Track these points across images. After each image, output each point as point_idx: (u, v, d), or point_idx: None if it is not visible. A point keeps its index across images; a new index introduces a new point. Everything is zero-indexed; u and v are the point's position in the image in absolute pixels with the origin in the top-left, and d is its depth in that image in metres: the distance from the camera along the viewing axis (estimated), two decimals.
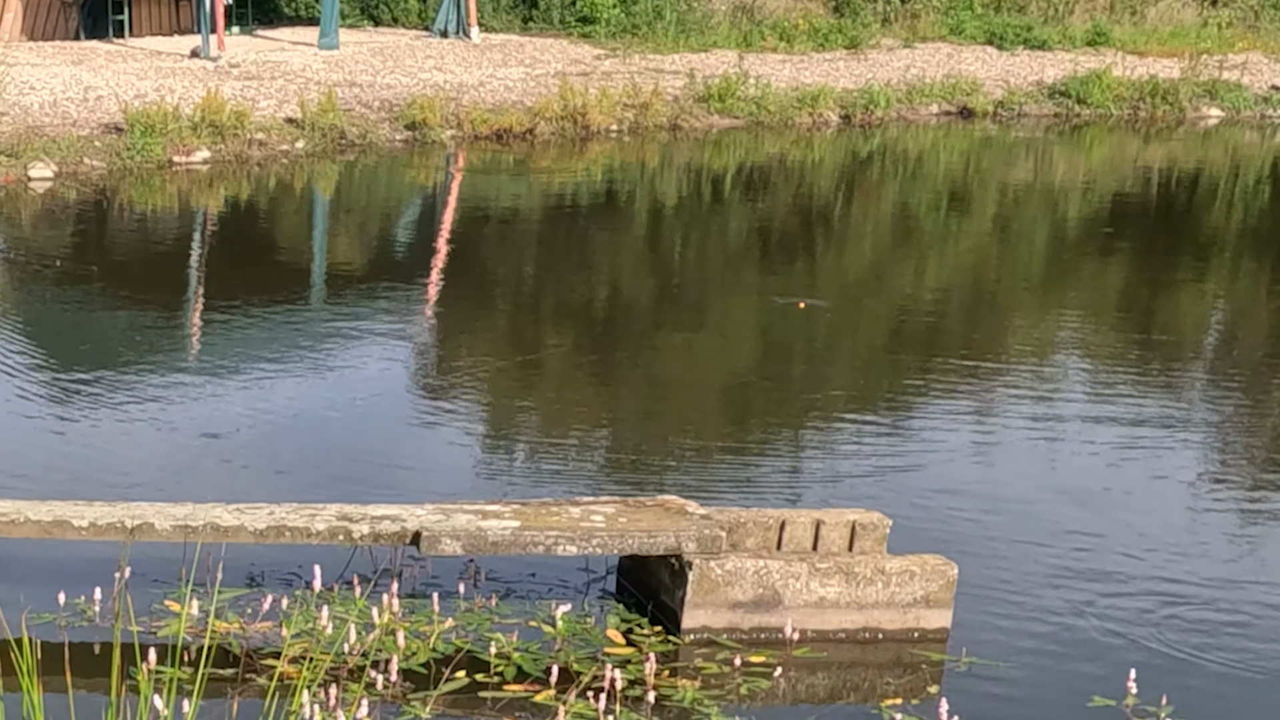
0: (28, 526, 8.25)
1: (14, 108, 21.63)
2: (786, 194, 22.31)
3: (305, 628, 8.07)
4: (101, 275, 16.55)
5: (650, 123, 25.60)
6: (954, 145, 26.58)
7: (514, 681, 7.78)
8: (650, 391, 13.27)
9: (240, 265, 17.45)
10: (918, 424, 12.17)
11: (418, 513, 8.50)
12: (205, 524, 8.24)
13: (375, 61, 27.89)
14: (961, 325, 15.61)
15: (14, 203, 19.35)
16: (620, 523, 8.46)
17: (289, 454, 11.16)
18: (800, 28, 32.16)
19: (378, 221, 20.44)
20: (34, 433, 11.46)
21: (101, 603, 8.24)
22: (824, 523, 8.67)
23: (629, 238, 19.42)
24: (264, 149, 22.35)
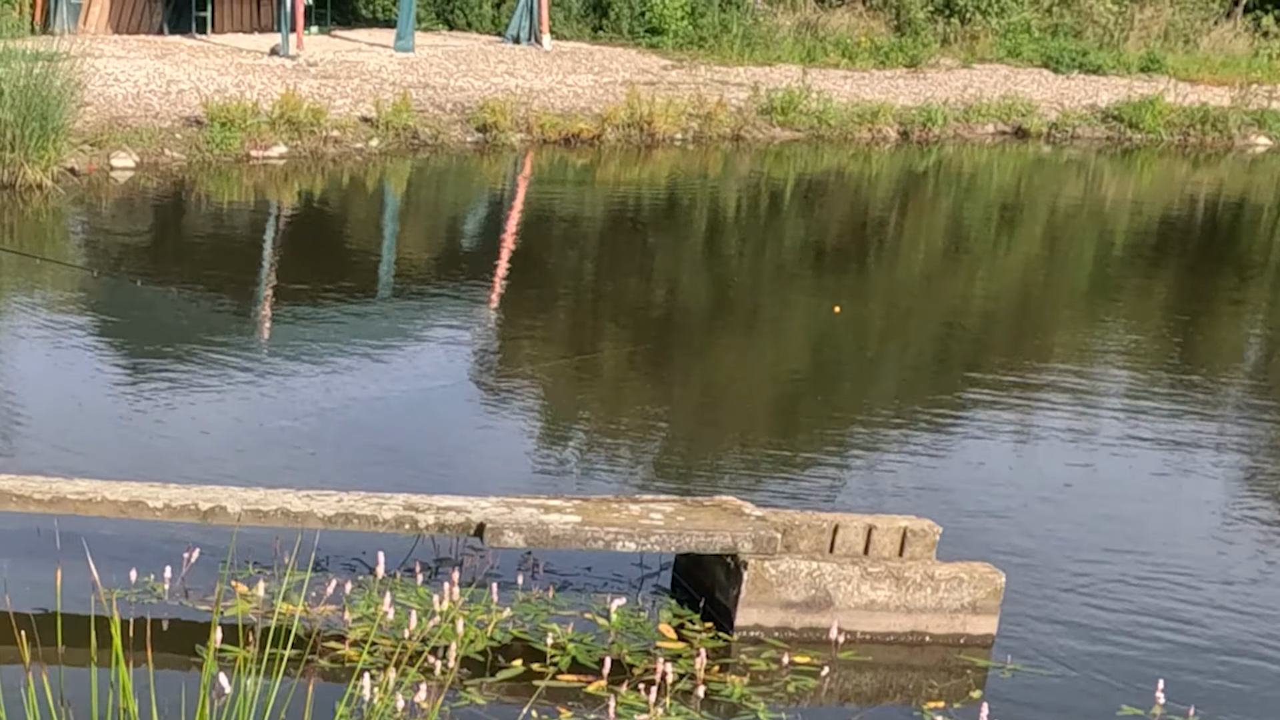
0: (105, 506, 8.25)
1: (99, 99, 21.69)
2: (843, 206, 22.23)
3: (368, 613, 8.04)
4: (177, 264, 16.58)
5: (714, 132, 25.56)
6: (1008, 164, 26.47)
7: (568, 671, 7.74)
8: (706, 394, 13.23)
9: (312, 258, 17.45)
10: (967, 433, 12.08)
11: (482, 505, 8.46)
12: (276, 509, 8.23)
13: (449, 65, 27.91)
14: (1009, 338, 15.52)
15: (96, 191, 19.40)
16: (678, 521, 8.41)
17: (356, 443, 11.14)
18: (862, 45, 32.10)
19: (446, 220, 20.44)
20: (110, 416, 11.47)
21: (171, 581, 8.22)
22: (876, 528, 8.61)
23: (689, 243, 19.37)
24: (339, 146, 22.38)
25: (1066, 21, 35.31)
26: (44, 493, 8.29)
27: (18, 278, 15.84)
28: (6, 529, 8.88)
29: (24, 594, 8.04)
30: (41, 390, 12.09)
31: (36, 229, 17.71)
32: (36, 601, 7.84)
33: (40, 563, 8.27)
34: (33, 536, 8.80)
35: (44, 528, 8.81)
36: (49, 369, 12.76)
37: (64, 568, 7.73)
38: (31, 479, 8.58)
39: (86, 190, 19.27)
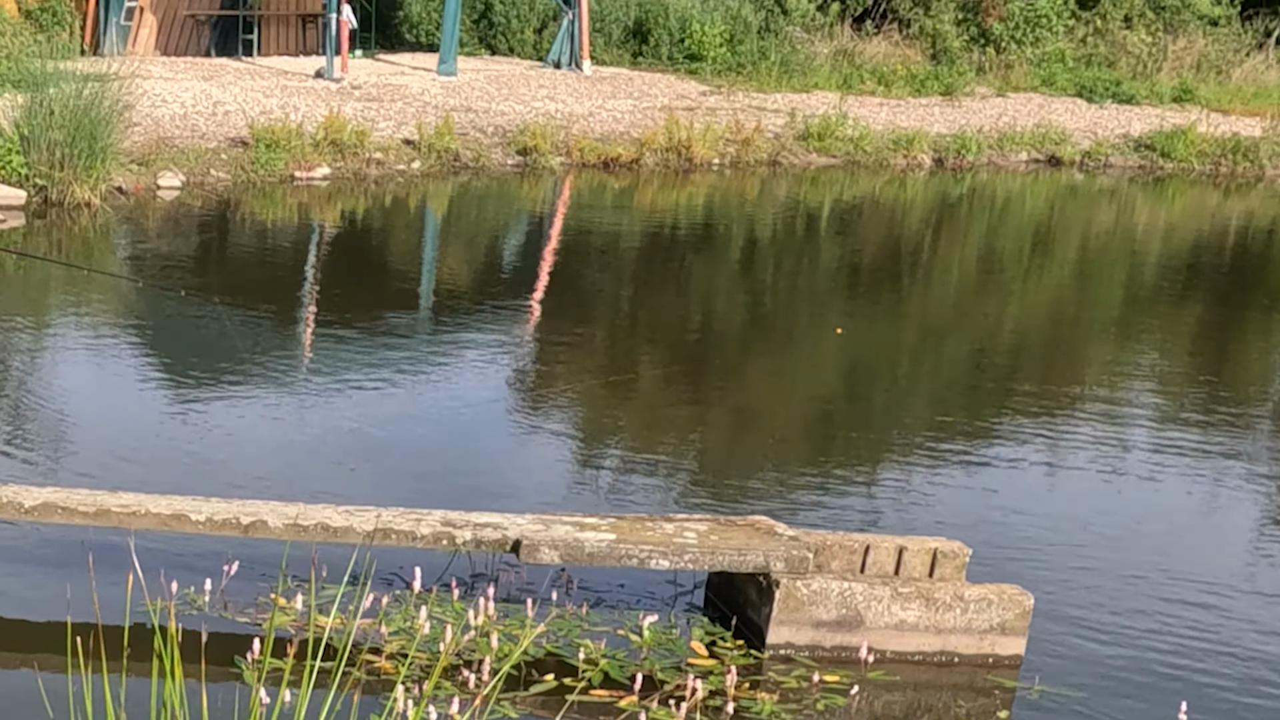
0: (148, 518, 8.28)
1: (146, 119, 21.78)
2: (878, 231, 22.21)
3: (404, 626, 8.06)
4: (221, 282, 16.63)
5: (751, 158, 25.57)
6: (1041, 191, 26.44)
7: (600, 686, 7.74)
8: (739, 415, 13.22)
9: (353, 277, 17.50)
10: (997, 456, 12.06)
11: (518, 521, 8.47)
12: (315, 524, 8.24)
13: (491, 89, 27.97)
14: (1041, 363, 15.48)
15: (143, 209, 19.48)
16: (712, 540, 8.41)
17: (395, 459, 11.16)
18: (899, 73, 32.10)
19: (486, 241, 20.47)
20: (154, 430, 11.50)
21: (211, 593, 8.24)
22: (907, 549, 8.60)
23: (724, 267, 19.37)
24: (381, 168, 22.43)
25: (1100, 52, 35.27)
26: (89, 505, 8.32)
27: (66, 294, 15.91)
28: (52, 540, 8.93)
29: (67, 604, 8.06)
30: (88, 404, 12.14)
31: (84, 246, 17.79)
32: (78, 612, 7.86)
33: (84, 573, 8.29)
34: (76, 548, 8.83)
35: (88, 539, 8.86)
36: (95, 384, 12.81)
37: (106, 579, 7.78)
38: (77, 491, 8.62)
39: (133, 209, 19.34)
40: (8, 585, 8.52)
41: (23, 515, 8.35)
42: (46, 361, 13.46)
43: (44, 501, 8.31)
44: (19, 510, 8.31)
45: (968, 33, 34.49)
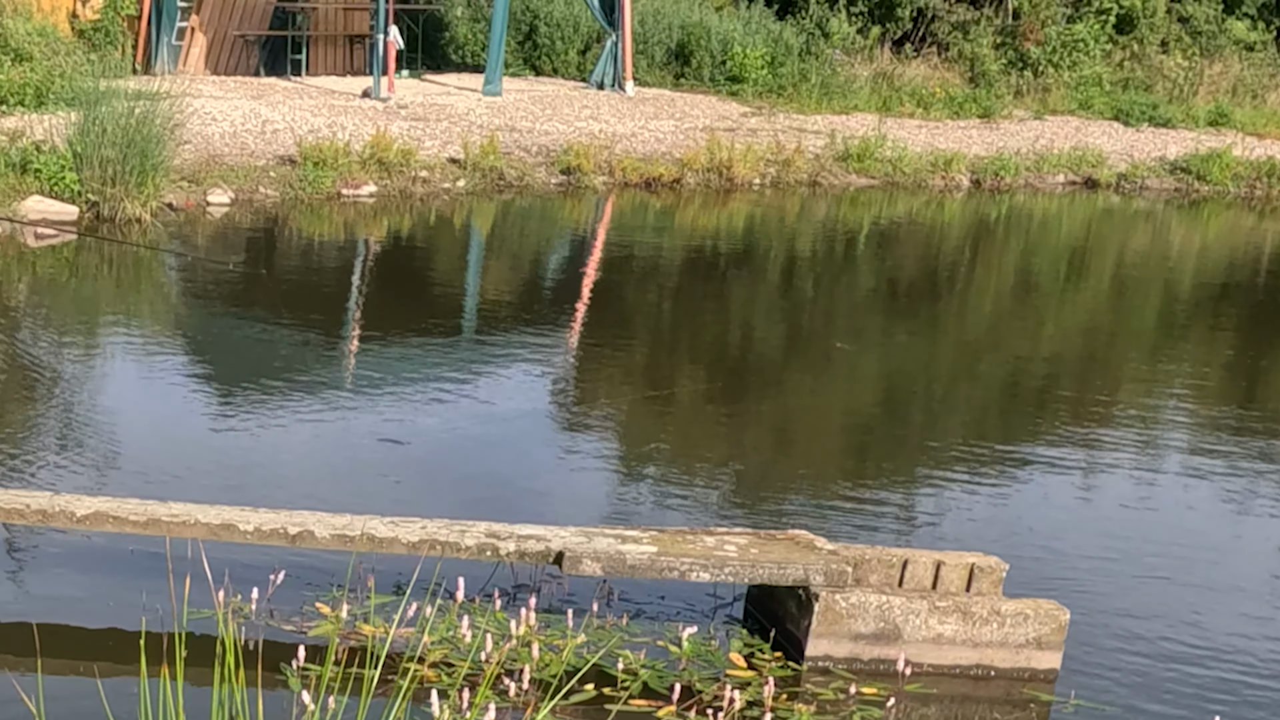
0: (197, 528, 8.29)
1: (196, 137, 21.86)
2: (915, 250, 22.17)
3: (447, 635, 8.06)
4: (268, 297, 16.68)
5: (791, 178, 25.56)
6: (1077, 213, 26.36)
7: (639, 696, 7.73)
8: (778, 430, 13.21)
9: (398, 293, 17.53)
10: (1034, 472, 12.03)
11: (561, 534, 8.47)
12: (362, 534, 8.25)
13: (535, 109, 28.00)
14: (1076, 381, 15.43)
15: (193, 225, 19.55)
16: (752, 553, 8.40)
17: (439, 472, 11.18)
18: (937, 95, 32.06)
19: (529, 258, 20.49)
20: (202, 441, 11.54)
21: (258, 602, 8.26)
22: (944, 563, 8.58)
23: (764, 285, 19.36)
24: (427, 186, 22.47)
25: (1137, 76, 35.17)
26: (139, 514, 8.34)
27: (116, 307, 15.98)
28: (102, 548, 8.97)
29: (115, 611, 8.10)
30: (138, 415, 12.19)
31: (135, 259, 17.85)
32: (127, 619, 7.90)
33: (132, 581, 8.34)
34: (126, 556, 8.88)
35: (137, 548, 8.89)
36: (146, 395, 12.87)
37: (154, 587, 7.82)
38: (127, 501, 8.64)
39: (183, 224, 19.42)
40: (60, 592, 8.56)
41: (74, 524, 8.38)
42: (98, 373, 13.52)
43: (95, 511, 8.34)
44: (71, 519, 8.33)
45: (1006, 56, 34.43)
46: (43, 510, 8.34)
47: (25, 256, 17.24)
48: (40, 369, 13.52)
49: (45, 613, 8.26)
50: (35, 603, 8.41)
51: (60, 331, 14.86)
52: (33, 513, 8.34)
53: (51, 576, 8.77)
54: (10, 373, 13.32)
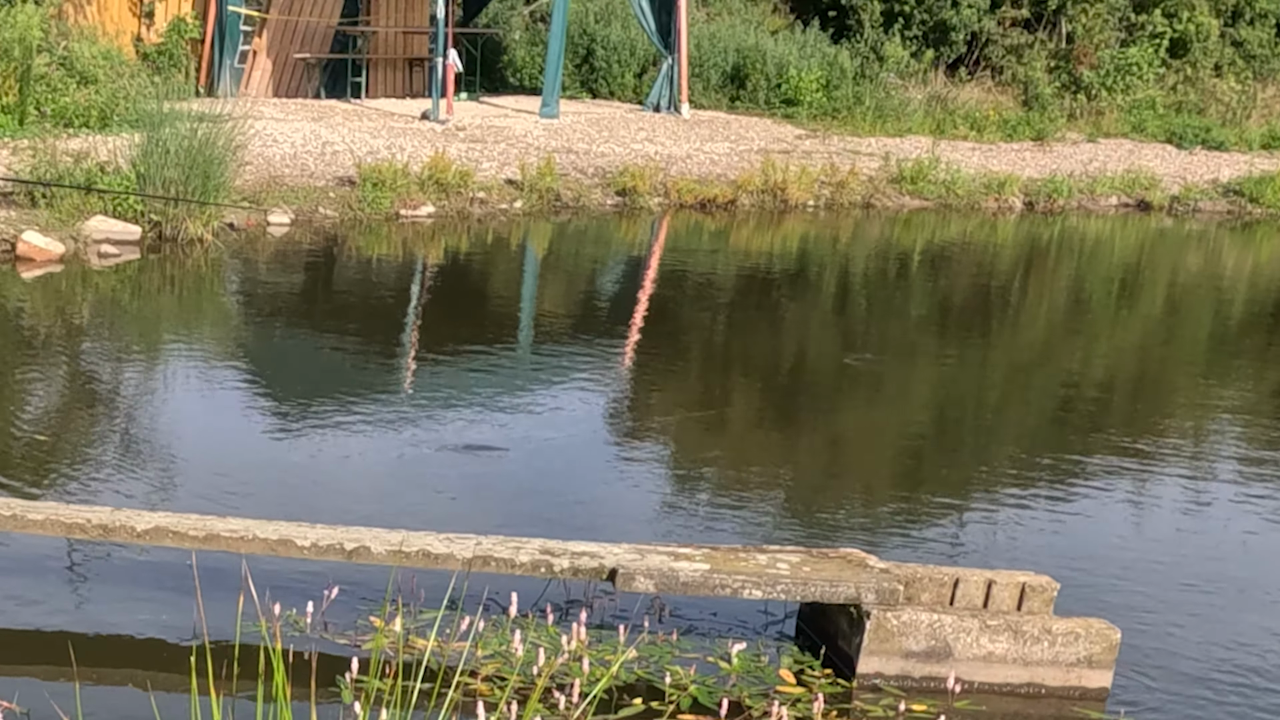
0: (255, 544, 8.31)
1: (258, 158, 21.96)
2: (968, 272, 22.11)
3: (499, 650, 8.06)
4: (327, 315, 16.75)
5: (845, 200, 25.54)
6: (1130, 235, 26.26)
7: (687, 711, 7.71)
8: (831, 449, 13.18)
9: (455, 311, 17.56)
10: (1085, 493, 11.96)
11: (614, 551, 8.46)
12: (417, 550, 8.25)
13: (591, 131, 28.04)
14: (1127, 402, 15.36)
15: (253, 245, 19.64)
16: (804, 571, 8.37)
17: (494, 488, 11.17)
18: (991, 118, 31.98)
19: (584, 278, 20.51)
20: (261, 458, 11.58)
21: (313, 615, 8.27)
22: (995, 582, 8.54)
23: (817, 305, 19.33)
24: (484, 207, 22.53)
25: (1191, 99, 35.03)
26: (199, 530, 8.37)
27: (176, 324, 16.06)
28: (162, 563, 8.99)
29: (172, 625, 8.13)
30: (197, 432, 12.24)
31: (196, 278, 17.95)
32: (183, 633, 7.93)
33: (189, 596, 8.35)
34: (185, 571, 8.89)
35: (197, 563, 8.92)
36: (204, 412, 12.91)
37: (213, 601, 7.83)
38: (187, 516, 8.66)
39: (244, 244, 19.50)
40: (119, 606, 8.58)
41: (135, 539, 8.41)
42: (159, 390, 13.58)
43: (155, 526, 8.37)
44: (131, 534, 8.36)
45: (1059, 80, 34.35)
46: (104, 525, 8.37)
47: (90, 275, 17.33)
48: (103, 385, 13.59)
49: (103, 626, 8.30)
50: (94, 616, 8.44)
51: (123, 348, 14.94)
52: (94, 527, 8.37)
53: (111, 591, 8.80)
54: (74, 389, 13.40)
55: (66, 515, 8.50)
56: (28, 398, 13.00)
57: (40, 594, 8.68)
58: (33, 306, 16.13)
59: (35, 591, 8.71)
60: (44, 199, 18.44)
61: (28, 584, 8.80)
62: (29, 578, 8.88)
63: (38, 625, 8.31)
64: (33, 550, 9.15)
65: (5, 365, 13.79)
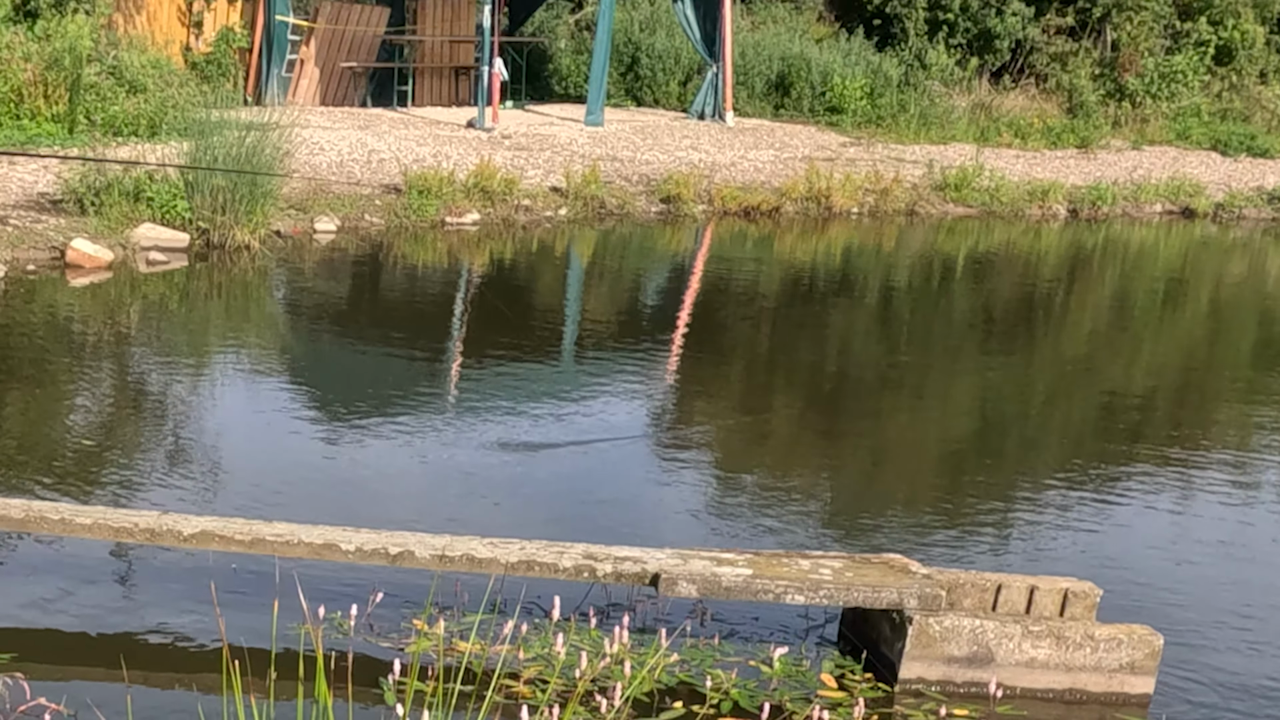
0: (300, 548, 8.33)
1: (304, 166, 22.03)
2: (1012, 279, 22.05)
3: (542, 653, 8.07)
4: (372, 321, 16.79)
5: (889, 207, 25.51)
6: (1174, 242, 26.16)
7: (728, 714, 7.71)
8: (873, 455, 13.15)
9: (500, 318, 17.57)
10: (1128, 499, 11.91)
11: (658, 556, 8.46)
12: (461, 555, 8.26)
13: (636, 139, 28.06)
14: (1170, 408, 15.30)
15: (300, 252, 19.69)
16: (847, 576, 8.36)
17: (536, 493, 11.18)
18: (1035, 126, 31.90)
19: (629, 285, 20.51)
20: (306, 463, 11.61)
21: (357, 618, 8.29)
22: (1038, 588, 8.51)
23: (860, 312, 19.30)
24: (529, 214, 22.56)
25: (1236, 106, 34.89)
26: (244, 534, 8.39)
27: (222, 331, 16.11)
28: (207, 567, 9.03)
29: (217, 628, 8.15)
30: (242, 438, 12.28)
31: (243, 285, 18.01)
32: (229, 635, 7.95)
33: (235, 599, 8.39)
34: (230, 574, 8.94)
35: (241, 566, 8.96)
36: (249, 418, 12.95)
37: (258, 604, 7.86)
38: (233, 521, 8.69)
39: (291, 251, 19.56)
40: (165, 609, 8.61)
41: (181, 543, 8.44)
42: (206, 395, 13.63)
43: (201, 530, 8.40)
44: (178, 538, 8.40)
45: (1104, 88, 34.24)
46: (151, 529, 8.41)
47: (137, 282, 17.41)
48: (150, 391, 13.65)
49: (149, 629, 8.33)
50: (140, 620, 8.48)
51: (170, 355, 15.00)
52: (141, 531, 8.41)
53: (157, 594, 8.83)
54: (122, 395, 13.46)
55: (114, 519, 8.53)
56: (76, 403, 13.06)
57: (87, 597, 8.72)
58: (82, 313, 16.21)
59: (82, 595, 8.75)
60: (93, 207, 18.53)
61: (75, 587, 8.84)
62: (77, 581, 8.92)
63: (85, 628, 8.35)
64: (80, 554, 9.20)
65: (54, 371, 13.86)
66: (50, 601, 8.63)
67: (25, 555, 9.24)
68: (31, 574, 9.00)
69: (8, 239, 17.53)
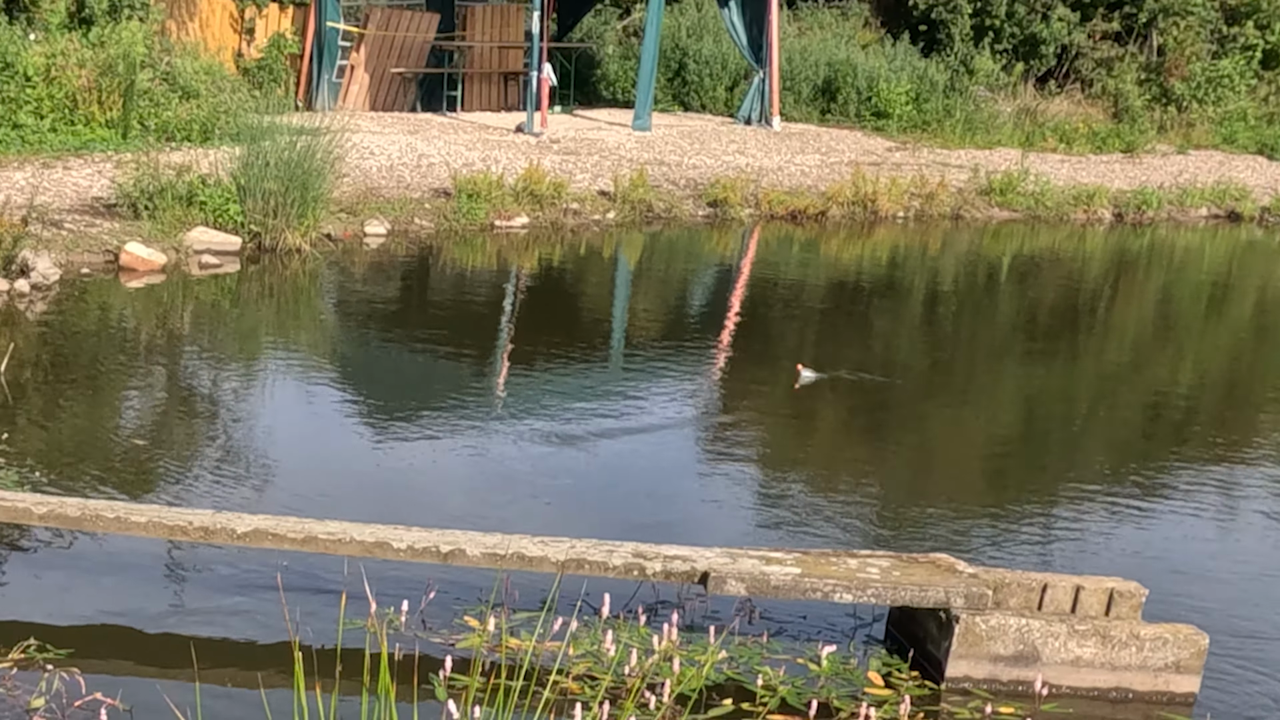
0: (352, 546, 8.37)
1: (355, 170, 22.11)
2: (1056, 282, 21.97)
3: (591, 649, 8.09)
4: (422, 323, 16.83)
5: (934, 211, 25.47)
6: (1219, 246, 26.05)
7: (776, 711, 7.71)
8: (920, 456, 13.13)
9: (548, 319, 17.62)
10: (1174, 500, 11.87)
11: (706, 555, 8.47)
12: (512, 553, 8.29)
13: (683, 143, 28.08)
14: (1215, 410, 15.23)
15: (350, 255, 19.76)
16: (894, 576, 8.36)
17: (585, 492, 11.21)
18: (1080, 130, 31.82)
19: (676, 287, 20.52)
20: (357, 462, 11.65)
21: (409, 615, 8.33)
22: (1083, 588, 8.50)
23: (906, 314, 19.27)
24: (577, 218, 22.59)
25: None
26: (297, 532, 8.44)
27: (274, 334, 16.18)
28: (260, 565, 9.08)
29: (271, 625, 8.20)
30: (294, 438, 12.34)
31: (294, 288, 18.08)
32: (282, 632, 7.99)
33: (288, 596, 8.42)
34: (283, 572, 8.98)
35: (293, 564, 9.00)
36: (302, 419, 13.01)
37: (308, 601, 7.90)
38: (285, 519, 8.74)
39: (341, 255, 19.63)
40: (220, 607, 8.66)
41: (235, 541, 8.49)
42: (255, 396, 13.69)
43: (255, 528, 8.44)
44: (231, 536, 8.45)
45: (1150, 92, 34.14)
46: (205, 527, 8.46)
47: (190, 285, 17.50)
48: (203, 392, 13.72)
49: (202, 626, 8.38)
50: (193, 617, 8.52)
51: (222, 356, 15.07)
52: (195, 530, 8.46)
53: (210, 591, 8.88)
54: (175, 395, 13.53)
55: (168, 518, 8.59)
56: (130, 404, 13.15)
57: (142, 595, 8.78)
58: (135, 315, 16.30)
59: (137, 592, 8.81)
60: (147, 211, 18.64)
61: (130, 585, 8.90)
62: (131, 579, 8.98)
63: (140, 625, 8.40)
64: (135, 552, 9.26)
65: (109, 372, 13.94)
66: (106, 599, 8.69)
67: (81, 553, 9.31)
68: (87, 572, 9.07)
69: (63, 243, 17.64)
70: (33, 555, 9.27)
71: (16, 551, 9.29)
